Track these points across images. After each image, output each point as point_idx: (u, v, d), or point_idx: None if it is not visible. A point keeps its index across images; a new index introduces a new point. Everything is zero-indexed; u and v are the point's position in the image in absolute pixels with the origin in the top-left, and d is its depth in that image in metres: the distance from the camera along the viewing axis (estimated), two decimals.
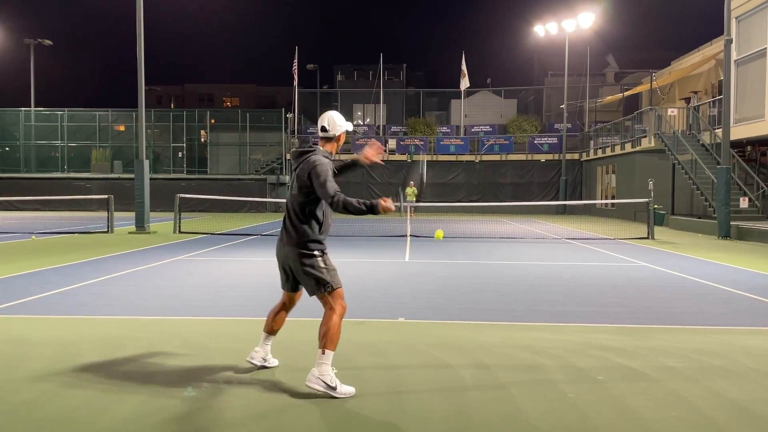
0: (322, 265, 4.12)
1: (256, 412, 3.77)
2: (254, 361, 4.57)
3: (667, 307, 7.30)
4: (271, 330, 4.55)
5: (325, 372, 4.00)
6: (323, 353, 4.02)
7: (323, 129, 4.29)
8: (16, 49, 38.74)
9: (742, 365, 4.84)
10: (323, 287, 4.10)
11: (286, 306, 4.52)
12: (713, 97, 23.98)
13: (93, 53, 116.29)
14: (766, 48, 18.81)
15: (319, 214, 4.20)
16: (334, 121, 4.31)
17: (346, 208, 3.99)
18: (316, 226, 4.18)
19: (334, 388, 3.98)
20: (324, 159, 4.15)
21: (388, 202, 4.00)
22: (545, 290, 8.40)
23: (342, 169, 4.42)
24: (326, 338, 4.02)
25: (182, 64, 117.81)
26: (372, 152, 4.39)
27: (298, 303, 4.55)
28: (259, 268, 10.56)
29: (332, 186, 4.04)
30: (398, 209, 4.10)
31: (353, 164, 4.54)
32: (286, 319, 4.63)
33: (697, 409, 3.86)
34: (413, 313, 6.73)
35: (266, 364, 4.59)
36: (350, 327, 6.01)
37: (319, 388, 3.98)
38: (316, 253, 4.14)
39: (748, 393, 4.18)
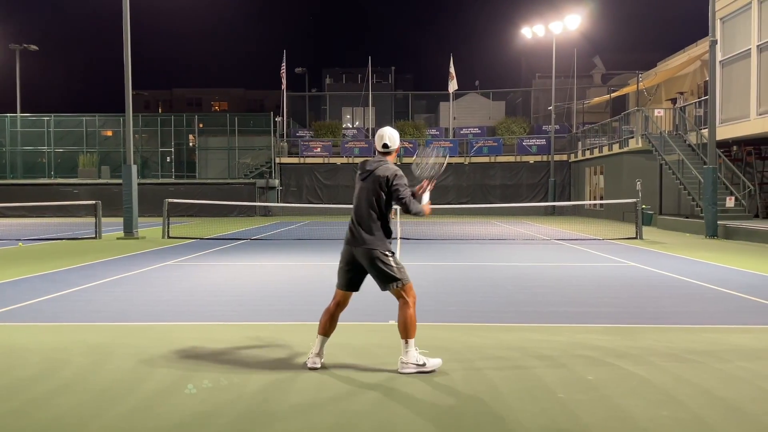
0: (393, 264, 4.64)
1: (248, 418, 3.75)
2: (317, 366, 4.73)
3: (656, 306, 7.35)
4: (327, 333, 4.82)
5: (411, 358, 4.58)
6: (406, 343, 4.61)
7: (385, 146, 4.82)
8: (1, 54, 38.33)
9: (732, 364, 4.87)
10: (396, 283, 4.62)
11: (340, 305, 4.88)
12: (699, 98, 24.18)
13: (80, 58, 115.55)
14: (750, 48, 19.00)
15: (389, 217, 4.76)
16: (394, 138, 4.88)
17: (417, 213, 4.72)
18: (387, 229, 4.73)
19: (423, 365, 4.58)
20: (399, 169, 4.74)
21: (427, 208, 4.80)
22: (535, 291, 8.42)
23: None
24: (406, 329, 4.61)
25: (170, 69, 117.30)
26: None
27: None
28: (248, 272, 10.52)
29: (408, 192, 4.70)
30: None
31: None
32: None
33: (687, 408, 3.88)
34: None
35: (318, 365, 4.75)
36: (339, 329, 6.00)
37: (412, 370, 4.57)
38: (387, 253, 4.65)
39: (737, 391, 4.21)
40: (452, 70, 35.83)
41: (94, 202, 18.80)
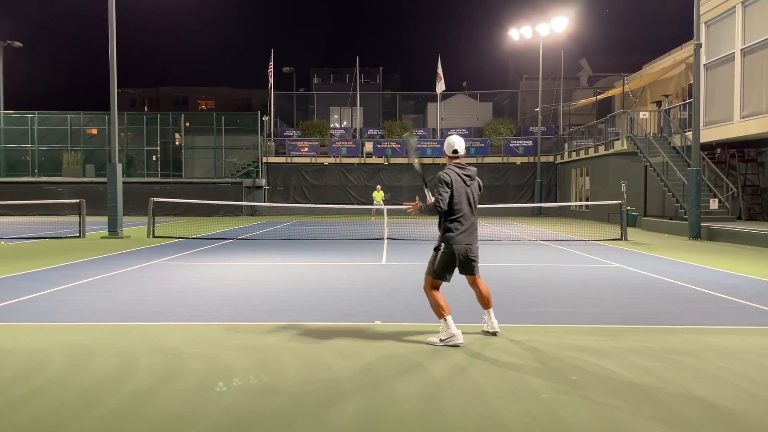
0: None
1: (231, 418, 3.73)
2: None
3: (640, 307, 7.40)
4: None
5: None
6: (492, 309, 5.79)
7: (456, 151, 5.67)
8: None
9: (713, 364, 4.92)
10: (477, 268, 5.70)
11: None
12: (684, 101, 24.41)
13: (64, 55, 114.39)
14: (734, 52, 19.21)
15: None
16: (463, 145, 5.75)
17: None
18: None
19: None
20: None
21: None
22: (520, 291, 8.46)
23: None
24: (490, 298, 5.80)
25: (156, 67, 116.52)
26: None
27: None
28: (234, 272, 10.47)
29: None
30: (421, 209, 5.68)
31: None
32: None
33: (669, 408, 3.91)
34: (390, 316, 6.72)
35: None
36: (324, 329, 5.99)
37: (497, 328, 5.78)
38: None
39: (719, 391, 4.25)
40: (440, 70, 35.90)
41: (78, 200, 18.62)
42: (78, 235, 17.47)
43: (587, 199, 29.11)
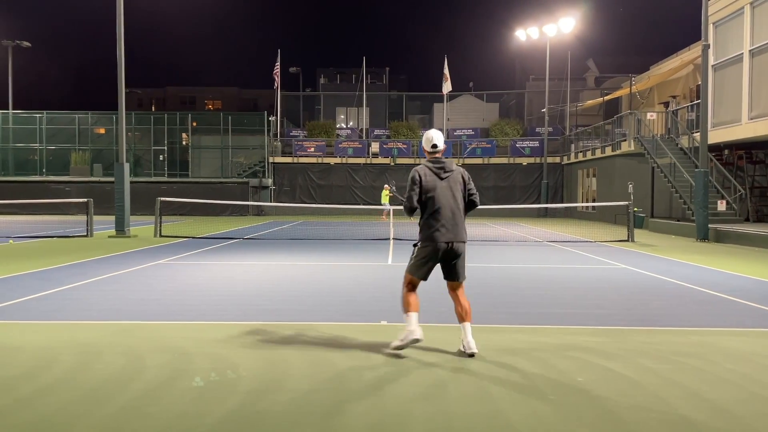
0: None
1: (237, 418, 3.74)
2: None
3: (647, 308, 7.37)
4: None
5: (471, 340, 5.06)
6: (469, 324, 5.11)
7: (435, 146, 5.29)
8: None
9: (720, 366, 4.90)
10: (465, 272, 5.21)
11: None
12: (691, 102, 24.30)
13: (72, 55, 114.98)
14: (742, 53, 19.11)
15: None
16: (442, 139, 5.41)
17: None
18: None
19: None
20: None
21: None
22: (526, 293, 8.44)
23: None
24: (469, 311, 5.18)
25: (164, 67, 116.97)
26: None
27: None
28: (240, 272, 10.49)
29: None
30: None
31: None
32: None
33: (676, 410, 3.90)
34: (395, 317, 6.71)
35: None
36: (330, 329, 6.00)
37: (474, 348, 5.03)
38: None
39: (726, 394, 4.23)
40: (446, 71, 35.88)
41: (85, 200, 18.71)
42: (85, 234, 17.55)
43: (594, 200, 29.03)
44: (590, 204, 28.15)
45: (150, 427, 3.59)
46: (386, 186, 28.96)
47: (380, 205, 27.72)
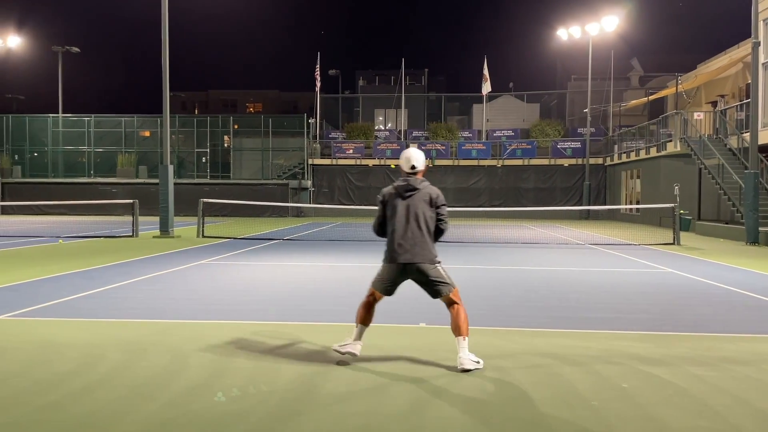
0: (443, 272, 4.95)
1: (278, 416, 3.78)
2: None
3: (694, 314, 7.17)
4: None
5: (468, 355, 4.77)
6: (464, 339, 4.80)
7: (413, 167, 5.03)
8: (45, 56, 39.45)
9: None
10: (448, 288, 4.90)
11: (376, 302, 5.12)
12: (741, 101, 23.54)
13: (119, 60, 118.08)
14: None
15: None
16: (421, 159, 5.12)
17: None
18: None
19: (478, 362, 4.78)
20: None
21: None
22: (568, 296, 8.30)
23: None
24: (463, 328, 4.83)
25: (206, 71, 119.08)
26: None
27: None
28: (281, 272, 10.60)
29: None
30: None
31: None
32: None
33: (725, 419, 3.78)
34: (434, 319, 6.69)
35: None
36: (369, 331, 6.00)
37: (471, 366, 4.72)
38: (439, 260, 4.96)
39: None
40: (486, 71, 35.60)
41: (131, 201, 19.21)
42: (131, 234, 18.00)
43: (638, 202, 28.40)
44: (634, 206, 27.55)
45: (193, 423, 3.66)
46: None
47: None
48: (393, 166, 33.81)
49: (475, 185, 34.14)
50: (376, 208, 5.20)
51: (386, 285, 5.01)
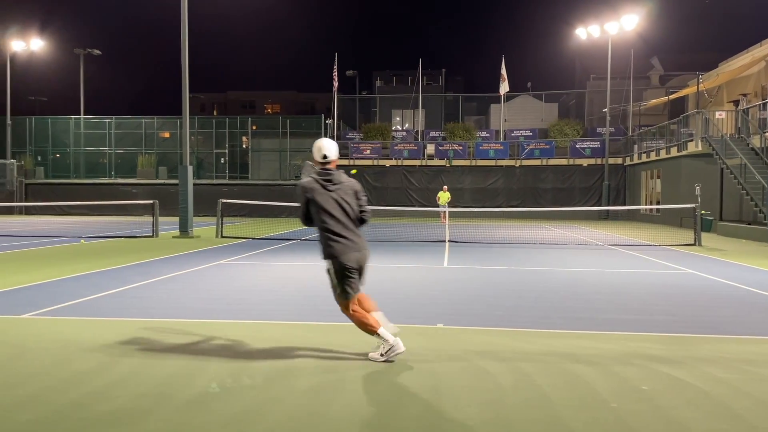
0: None
1: (297, 416, 3.80)
2: (400, 349, 5.01)
3: (715, 315, 7.09)
4: (373, 309, 5.16)
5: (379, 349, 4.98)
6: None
7: (325, 156, 5.06)
8: (67, 59, 40.04)
9: None
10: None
11: (360, 301, 5.16)
12: (763, 100, 23.19)
13: (140, 62, 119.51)
14: None
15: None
16: (334, 149, 5.15)
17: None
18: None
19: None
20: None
21: None
22: (587, 297, 8.25)
23: None
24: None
25: (225, 72, 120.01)
26: None
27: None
28: (299, 272, 10.65)
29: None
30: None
31: None
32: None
33: (748, 422, 3.73)
34: (452, 320, 6.69)
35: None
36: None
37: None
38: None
39: None
40: (504, 71, 35.44)
41: (151, 201, 19.42)
42: (151, 234, 18.20)
43: (658, 203, 28.08)
44: (654, 206, 27.27)
45: (213, 422, 3.69)
46: (445, 187, 28.76)
47: (437, 206, 27.58)
48: (354, 171, 33.80)
49: (493, 185, 33.99)
50: (394, 208, 5.26)
51: (352, 280, 5.03)
